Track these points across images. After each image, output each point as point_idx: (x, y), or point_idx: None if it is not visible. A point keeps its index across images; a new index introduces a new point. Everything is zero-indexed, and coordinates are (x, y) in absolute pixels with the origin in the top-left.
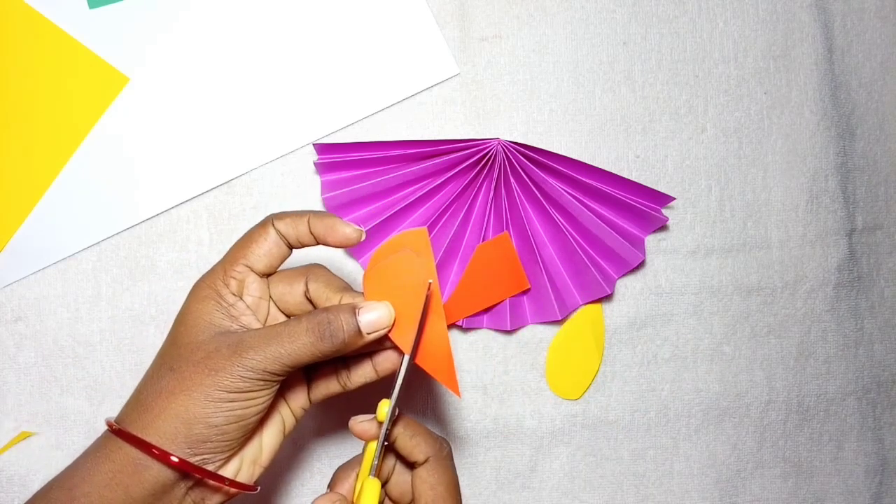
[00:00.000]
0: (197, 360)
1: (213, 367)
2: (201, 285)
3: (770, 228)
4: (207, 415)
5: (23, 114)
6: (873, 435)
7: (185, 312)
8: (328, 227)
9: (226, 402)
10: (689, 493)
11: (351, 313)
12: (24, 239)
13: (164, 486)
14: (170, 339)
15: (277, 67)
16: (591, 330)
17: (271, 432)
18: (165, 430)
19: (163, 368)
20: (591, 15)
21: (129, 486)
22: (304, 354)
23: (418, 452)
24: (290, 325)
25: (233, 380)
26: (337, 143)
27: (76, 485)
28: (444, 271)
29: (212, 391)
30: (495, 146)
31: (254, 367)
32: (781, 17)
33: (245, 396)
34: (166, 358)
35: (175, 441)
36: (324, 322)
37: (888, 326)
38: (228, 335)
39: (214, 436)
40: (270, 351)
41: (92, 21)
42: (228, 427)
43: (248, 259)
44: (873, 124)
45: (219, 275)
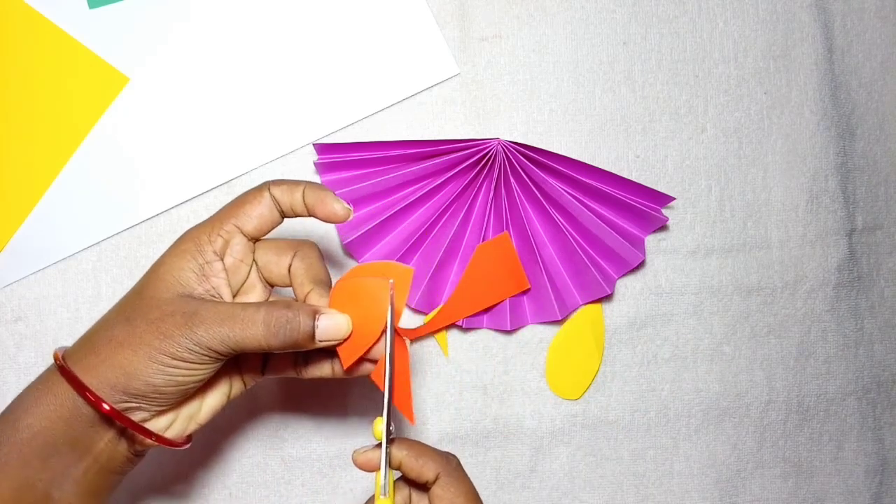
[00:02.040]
0: (152, 318)
1: (164, 330)
2: (185, 237)
3: (770, 228)
4: (148, 374)
5: (23, 114)
6: (873, 435)
7: (160, 263)
8: (319, 198)
9: (168, 367)
10: (689, 493)
11: (310, 316)
12: (24, 239)
13: (101, 423)
14: (137, 287)
15: (277, 67)
16: (591, 330)
17: (215, 395)
18: (106, 376)
19: (120, 316)
20: (591, 15)
21: (69, 419)
22: (253, 343)
23: (427, 471)
24: (248, 310)
25: (178, 349)
26: (337, 143)
27: (20, 417)
28: (444, 271)
29: (156, 353)
30: (495, 146)
31: (200, 343)
32: (781, 17)
33: (188, 366)
34: (127, 306)
35: (113, 388)
36: (282, 318)
37: (888, 326)
38: (188, 301)
39: (151, 393)
40: (221, 331)
41: (92, 21)
42: (166, 388)
43: (239, 219)
44: (873, 124)
45: (206, 230)
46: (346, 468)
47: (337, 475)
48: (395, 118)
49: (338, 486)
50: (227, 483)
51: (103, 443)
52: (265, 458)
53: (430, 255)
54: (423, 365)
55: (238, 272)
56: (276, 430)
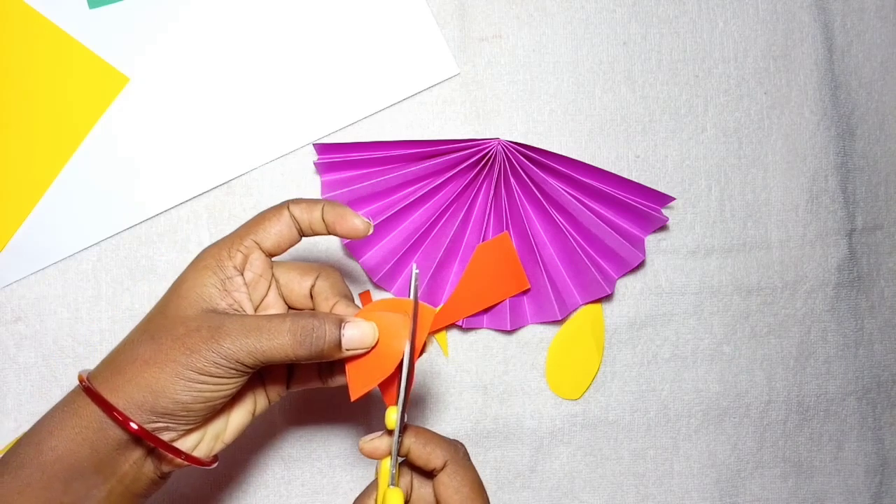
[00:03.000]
0: (177, 335)
1: (190, 346)
2: (205, 254)
3: (770, 228)
4: (175, 391)
5: (23, 114)
6: (873, 435)
7: (182, 280)
8: (339, 215)
9: (195, 383)
10: (689, 493)
11: (336, 325)
12: (24, 239)
13: (127, 445)
14: (160, 306)
15: (277, 67)
16: (591, 330)
17: (240, 412)
18: (133, 396)
19: (144, 335)
20: (591, 15)
21: (94, 441)
22: (280, 354)
23: (435, 459)
24: (273, 321)
25: (205, 363)
26: (337, 143)
27: (44, 439)
28: (444, 271)
29: (183, 370)
30: (495, 146)
31: (227, 356)
32: (781, 17)
33: (215, 381)
34: (151, 325)
35: (141, 408)
36: (308, 327)
37: (888, 326)
38: (213, 316)
39: (179, 411)
40: (247, 343)
41: (92, 21)
42: (194, 405)
43: (258, 235)
44: (873, 124)
45: (225, 245)
46: (346, 468)
47: (337, 475)
48: (395, 118)
49: (338, 486)
50: (227, 483)
51: (129, 465)
52: (265, 458)
53: (430, 255)
54: (423, 365)
55: (258, 288)
56: (276, 431)
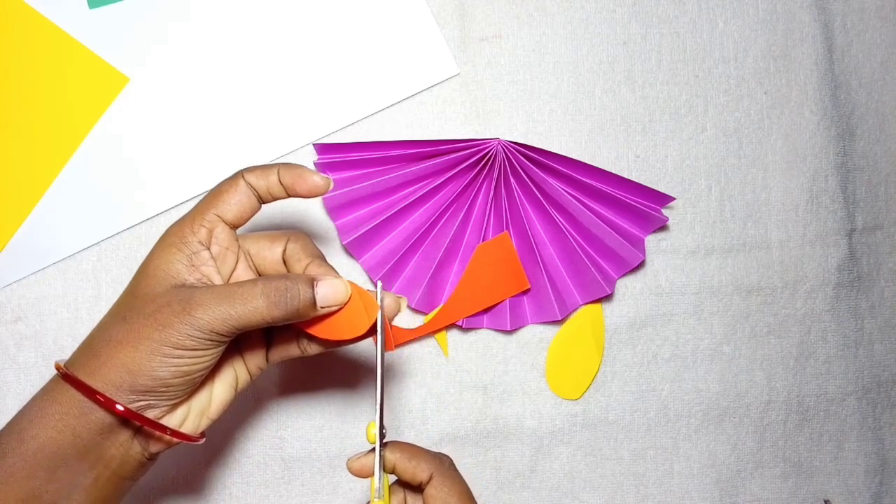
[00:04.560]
0: (148, 312)
1: (162, 321)
2: (168, 232)
3: (770, 228)
4: (153, 367)
5: (23, 114)
6: (873, 435)
7: (148, 260)
8: (296, 176)
9: (171, 358)
10: (689, 493)
11: (308, 284)
12: (24, 239)
13: (111, 428)
14: (129, 288)
15: (277, 67)
16: (591, 330)
17: (222, 387)
18: (111, 377)
19: (116, 317)
20: (591, 15)
21: (76, 427)
22: (255, 318)
23: (420, 472)
24: (245, 286)
25: (180, 337)
26: (337, 143)
27: (25, 428)
28: (444, 271)
29: (158, 346)
30: (495, 146)
31: (202, 326)
32: (781, 17)
33: (192, 354)
34: (122, 307)
35: (120, 388)
36: (280, 288)
37: (888, 326)
38: (182, 290)
39: (159, 387)
40: (220, 311)
41: (92, 21)
42: (173, 381)
43: (219, 208)
44: (873, 124)
45: (188, 221)
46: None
47: (337, 475)
48: (395, 118)
49: (338, 486)
50: (227, 483)
51: (114, 448)
52: (265, 458)
53: (430, 255)
54: (423, 365)
55: (226, 261)
56: (276, 430)
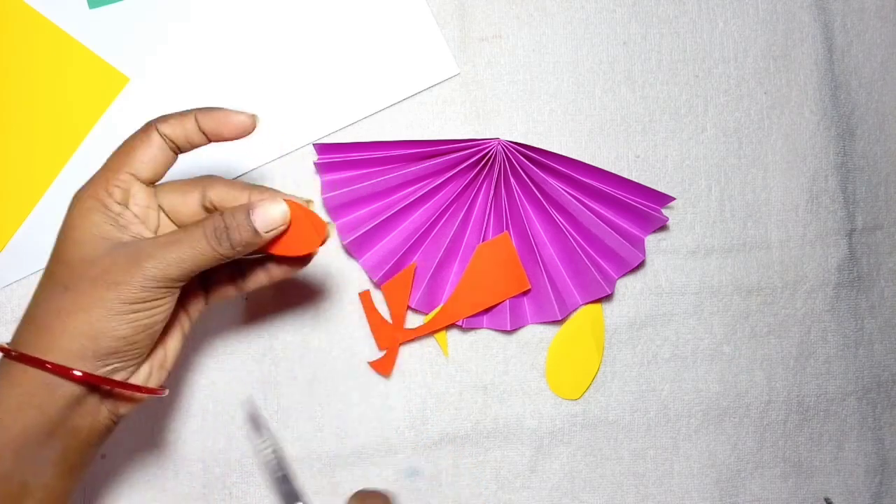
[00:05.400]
0: (93, 275)
1: (113, 280)
2: (82, 196)
3: (770, 228)
4: (112, 328)
5: (23, 114)
6: (873, 435)
7: (70, 227)
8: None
9: (130, 314)
10: (689, 493)
11: (244, 213)
12: (24, 239)
13: (78, 399)
14: (55, 257)
15: (277, 68)
16: (591, 330)
17: (173, 336)
18: (70, 347)
19: (55, 288)
20: (591, 15)
21: (41, 405)
22: (206, 258)
23: None
24: (188, 230)
25: (134, 291)
26: (337, 143)
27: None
28: (444, 271)
29: (114, 304)
30: (495, 146)
31: (155, 276)
32: (781, 17)
33: (149, 306)
34: (56, 277)
35: (83, 357)
36: (220, 225)
37: (888, 326)
38: (123, 246)
39: (123, 347)
40: (171, 257)
41: (92, 21)
42: (136, 337)
43: (132, 167)
44: (873, 124)
45: (101, 184)
46: (346, 468)
47: (337, 475)
48: (395, 118)
49: (338, 486)
50: (227, 483)
51: (82, 418)
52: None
53: (430, 255)
54: (423, 365)
55: (149, 219)
56: (276, 431)
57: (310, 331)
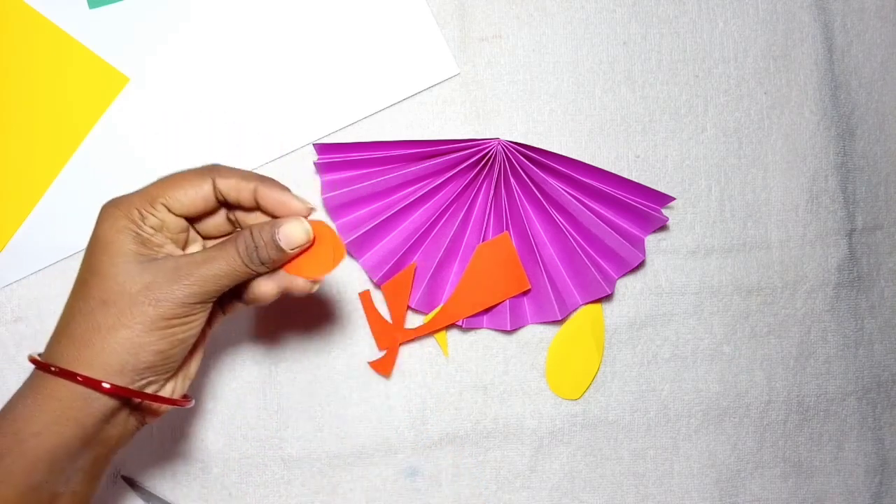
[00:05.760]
0: (134, 292)
1: (154, 297)
2: (116, 213)
3: (770, 228)
4: (151, 343)
5: (23, 114)
6: (873, 435)
7: (105, 241)
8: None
9: (168, 329)
10: (689, 493)
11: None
12: (24, 239)
13: (112, 411)
14: (89, 269)
15: (277, 67)
16: (591, 330)
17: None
18: (110, 363)
19: (92, 301)
20: (591, 15)
21: (79, 418)
22: (239, 274)
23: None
24: (222, 247)
25: (173, 307)
26: (337, 143)
27: (21, 428)
28: (444, 271)
29: (154, 320)
30: (495, 146)
31: (195, 292)
32: (781, 17)
33: (185, 321)
34: (93, 290)
35: (122, 372)
36: (249, 242)
37: (888, 326)
38: (160, 263)
39: (159, 361)
40: (209, 274)
41: (92, 21)
42: (171, 351)
43: (171, 202)
44: (873, 124)
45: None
46: (346, 468)
47: (337, 475)
48: (395, 118)
49: (338, 486)
50: (227, 483)
51: (114, 429)
52: (265, 459)
53: (430, 255)
54: (423, 365)
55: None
56: (276, 430)
57: (310, 331)
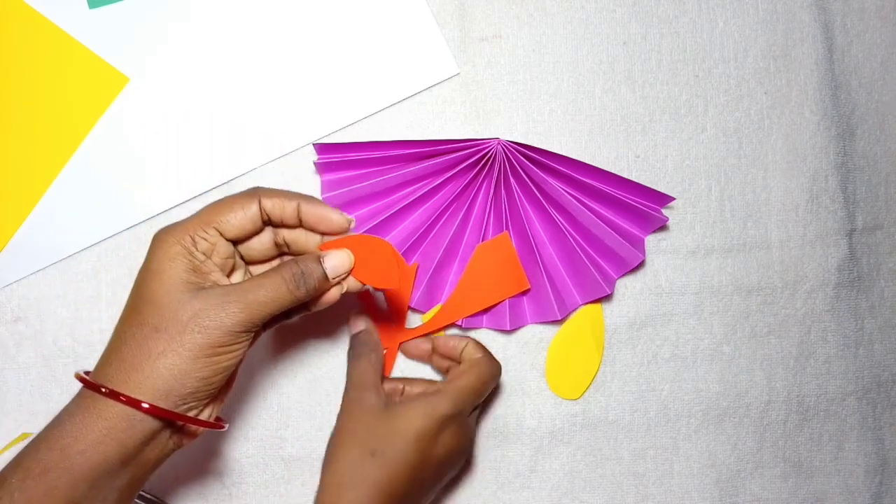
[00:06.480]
0: (185, 319)
1: (203, 324)
2: (169, 240)
3: (770, 228)
4: (197, 369)
5: (23, 114)
6: (873, 435)
7: (157, 270)
8: (321, 216)
9: (213, 357)
10: (689, 493)
11: (317, 261)
12: (24, 239)
13: (154, 433)
14: (141, 296)
15: (277, 67)
16: (591, 330)
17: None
18: (158, 387)
19: (145, 328)
20: (591, 15)
21: (123, 439)
22: (284, 303)
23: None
24: (268, 277)
25: (221, 335)
26: (337, 143)
27: (69, 444)
28: (444, 271)
29: (202, 348)
30: (495, 146)
31: (242, 321)
32: (781, 17)
33: (230, 349)
34: (146, 316)
35: (167, 397)
36: (297, 272)
37: (888, 326)
38: (210, 292)
39: (203, 387)
40: (256, 302)
41: (92, 21)
42: (215, 378)
43: (222, 225)
44: (873, 124)
45: (188, 232)
46: None
47: None
48: (395, 118)
49: None
50: (227, 483)
51: (154, 451)
52: (265, 458)
53: (430, 255)
54: (423, 365)
55: (225, 266)
56: (276, 430)
57: (310, 331)
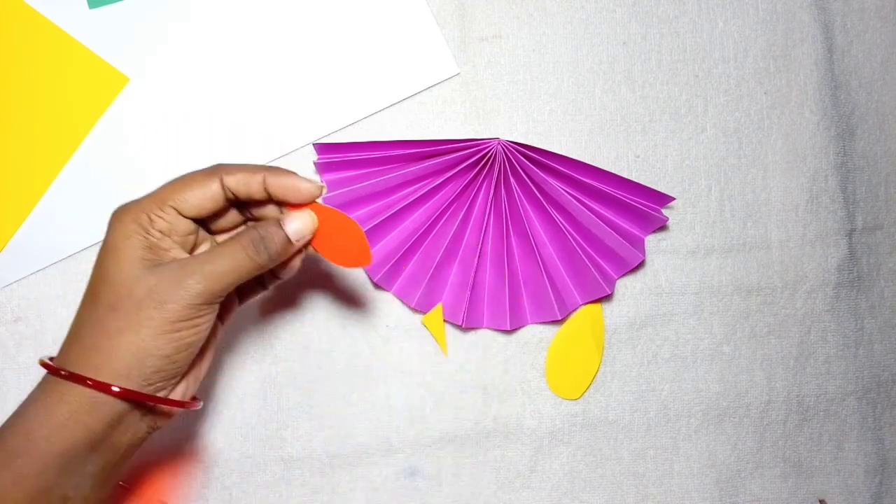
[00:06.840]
0: (139, 296)
1: (159, 300)
2: (125, 219)
3: (770, 228)
4: (158, 347)
5: (23, 114)
6: (873, 435)
7: (112, 248)
8: (288, 186)
9: (174, 333)
10: (689, 493)
11: (278, 226)
12: (24, 239)
13: (121, 416)
14: (99, 276)
15: (277, 67)
16: (591, 330)
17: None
18: (118, 368)
19: (101, 307)
20: (591, 15)
21: (88, 423)
22: (246, 270)
23: None
24: (227, 245)
25: (179, 309)
26: (337, 143)
27: (32, 430)
28: (444, 271)
29: (160, 324)
30: (495, 146)
31: (200, 292)
32: (781, 17)
33: (192, 324)
34: (102, 296)
35: (129, 376)
36: (257, 238)
37: (888, 326)
38: (166, 267)
39: (166, 365)
40: (214, 272)
41: (92, 21)
42: (178, 355)
43: (180, 204)
44: (873, 124)
45: (144, 210)
46: (346, 468)
47: (337, 475)
48: (395, 118)
49: (338, 486)
50: (227, 483)
51: (124, 434)
52: (265, 458)
53: (430, 255)
54: (422, 365)
55: (186, 243)
56: (276, 430)
57: (310, 331)
